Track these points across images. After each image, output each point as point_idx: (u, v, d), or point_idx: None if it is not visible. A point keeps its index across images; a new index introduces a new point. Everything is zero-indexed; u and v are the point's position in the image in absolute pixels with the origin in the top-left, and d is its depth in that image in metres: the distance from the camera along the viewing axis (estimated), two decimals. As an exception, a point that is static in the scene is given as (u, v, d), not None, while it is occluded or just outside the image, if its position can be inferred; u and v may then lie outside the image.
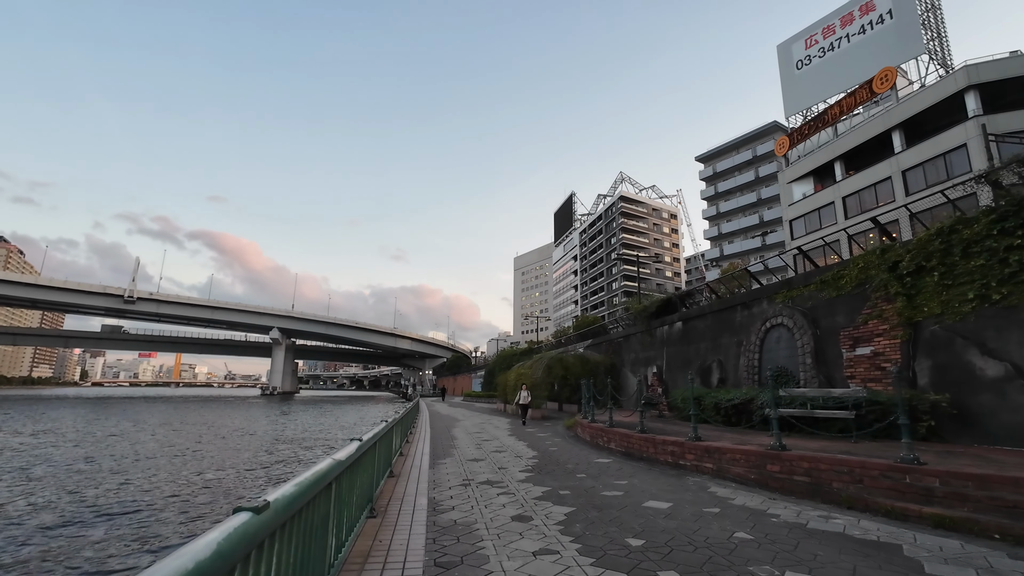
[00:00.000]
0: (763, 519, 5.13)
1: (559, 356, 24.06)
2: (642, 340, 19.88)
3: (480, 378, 65.66)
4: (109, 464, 14.78)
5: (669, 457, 8.40)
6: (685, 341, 16.55)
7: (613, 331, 30.41)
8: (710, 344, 15.10)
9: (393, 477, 7.67)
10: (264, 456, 16.97)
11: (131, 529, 8.42)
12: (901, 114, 35.01)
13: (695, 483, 7.05)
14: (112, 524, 8.66)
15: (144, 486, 11.77)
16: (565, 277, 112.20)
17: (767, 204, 56.69)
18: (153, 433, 24.13)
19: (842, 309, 10.44)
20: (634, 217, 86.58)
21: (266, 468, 14.49)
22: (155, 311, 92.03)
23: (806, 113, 46.63)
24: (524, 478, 7.62)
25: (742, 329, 13.62)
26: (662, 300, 18.71)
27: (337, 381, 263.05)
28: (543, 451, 10.85)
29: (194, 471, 13.77)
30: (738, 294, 14.48)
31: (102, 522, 8.78)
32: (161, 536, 8.07)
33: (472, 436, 14.30)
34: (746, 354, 13.08)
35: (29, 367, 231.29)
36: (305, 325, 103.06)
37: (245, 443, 20.50)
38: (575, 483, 7.16)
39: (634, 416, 14.28)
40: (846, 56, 44.07)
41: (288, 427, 29.23)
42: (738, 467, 7.04)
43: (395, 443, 8.89)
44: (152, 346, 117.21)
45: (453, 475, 7.97)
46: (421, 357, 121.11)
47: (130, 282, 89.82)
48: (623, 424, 11.59)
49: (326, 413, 43.95)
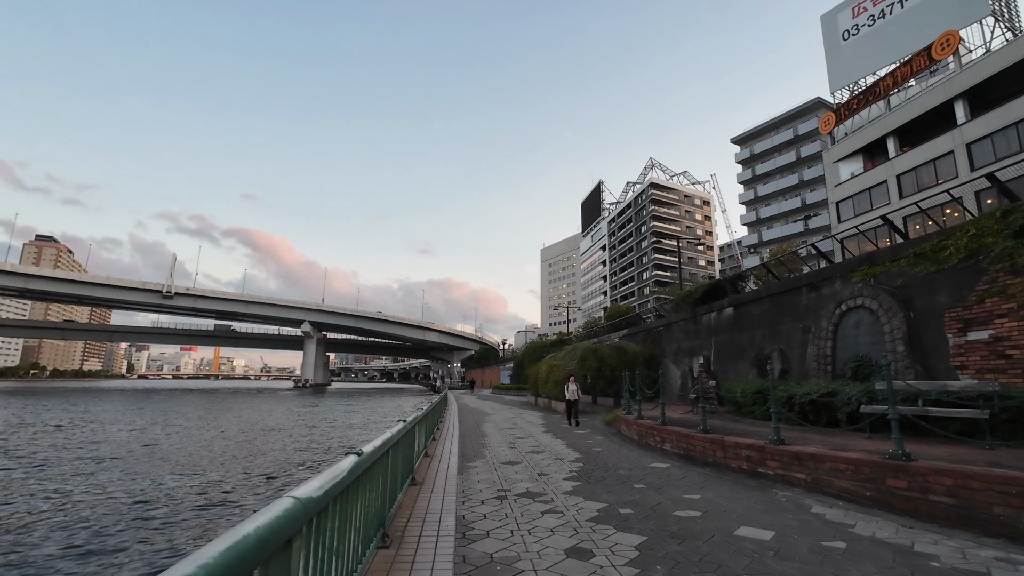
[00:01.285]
0: (917, 562, 3.70)
1: (593, 347, 22.64)
2: (685, 329, 18.27)
3: (508, 370, 64.65)
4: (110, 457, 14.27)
5: (744, 463, 6.98)
6: (737, 328, 14.92)
7: (650, 320, 28.75)
8: (768, 331, 13.45)
9: (416, 486, 6.51)
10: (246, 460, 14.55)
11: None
12: (965, 81, 31.90)
13: (788, 499, 5.63)
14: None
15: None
16: (593, 267, 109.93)
17: (810, 186, 53.49)
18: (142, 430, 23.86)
19: (945, 286, 8.73)
20: (665, 204, 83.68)
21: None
22: (192, 306, 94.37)
23: (853, 88, 43.43)
24: (571, 488, 6.33)
25: (809, 314, 11.95)
26: (709, 284, 17.05)
27: (368, 373, 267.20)
28: (586, 452, 9.54)
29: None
30: (803, 274, 12.75)
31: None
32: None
33: (504, 433, 13.09)
34: (815, 342, 11.43)
35: (80, 360, 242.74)
36: (335, 318, 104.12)
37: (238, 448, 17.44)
38: (635, 496, 5.83)
39: (685, 411, 12.80)
40: (899, 23, 40.71)
41: (305, 422, 28.74)
42: (843, 480, 5.58)
43: (419, 444, 7.73)
44: (191, 340, 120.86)
45: (485, 483, 6.75)
46: (449, 350, 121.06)
47: (168, 278, 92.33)
48: (677, 422, 10.17)
49: (354, 406, 43.65)
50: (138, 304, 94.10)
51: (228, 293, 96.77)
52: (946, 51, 34.20)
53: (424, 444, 9.08)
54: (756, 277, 14.89)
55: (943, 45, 34.76)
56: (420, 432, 8.01)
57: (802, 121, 55.04)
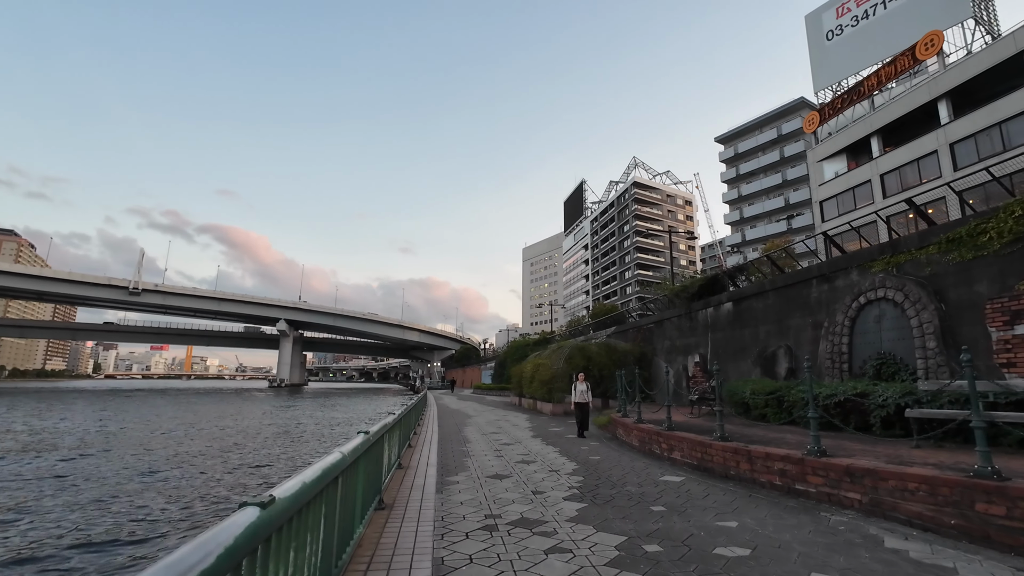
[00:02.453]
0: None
1: (580, 345, 21.56)
2: (679, 325, 17.29)
3: (490, 370, 63.35)
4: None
5: (776, 478, 5.89)
6: (738, 324, 13.96)
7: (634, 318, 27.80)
8: (773, 327, 12.51)
9: (383, 510, 5.25)
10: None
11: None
12: (950, 81, 31.83)
13: (848, 528, 4.53)
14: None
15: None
16: (576, 267, 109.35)
17: (793, 186, 53.54)
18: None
19: (985, 274, 7.83)
20: (648, 204, 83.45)
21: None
22: (161, 303, 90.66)
23: (836, 88, 43.43)
24: (575, 512, 5.14)
25: (821, 308, 11.01)
26: (706, 278, 16.11)
27: (346, 373, 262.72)
28: (583, 462, 8.36)
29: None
30: (813, 265, 11.81)
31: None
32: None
33: (489, 438, 11.85)
34: (829, 338, 10.49)
35: (43, 360, 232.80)
36: (312, 317, 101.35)
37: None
38: (658, 524, 4.67)
39: (686, 414, 11.76)
40: (882, 24, 40.81)
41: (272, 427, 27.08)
42: (914, 503, 4.51)
43: (389, 457, 6.47)
44: (161, 338, 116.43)
45: (470, 505, 5.52)
46: (429, 349, 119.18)
47: (135, 274, 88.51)
48: (684, 426, 9.08)
49: (327, 407, 41.87)
50: (104, 301, 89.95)
51: (200, 290, 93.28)
52: (930, 51, 34.19)
53: (398, 453, 7.81)
54: (758, 270, 13.95)
55: (927, 45, 34.77)
56: (391, 442, 6.74)
57: (786, 120, 55.08)
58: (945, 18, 35.78)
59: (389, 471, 6.59)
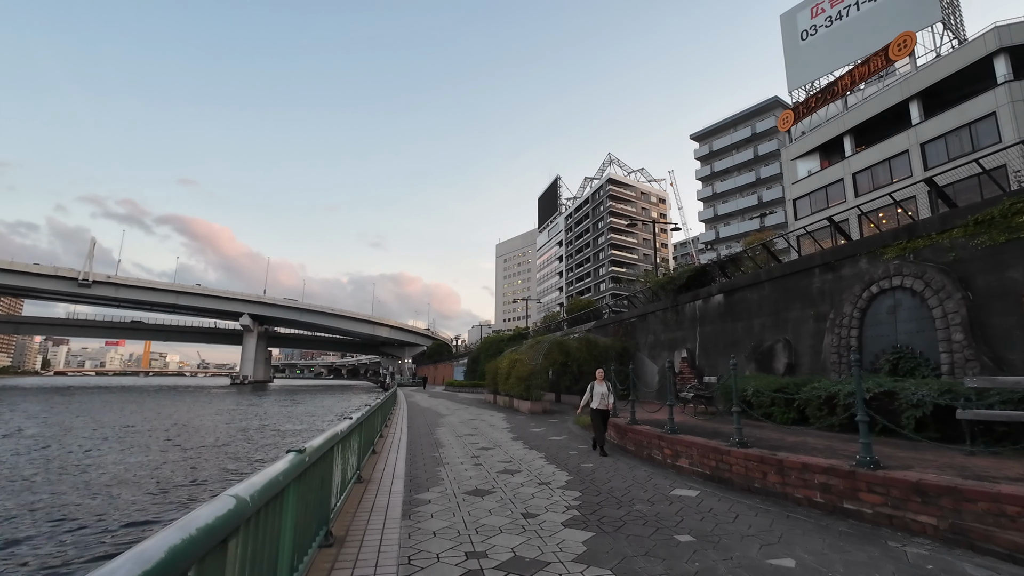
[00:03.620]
0: None
1: (559, 340, 20.53)
2: (665, 319, 16.42)
3: (463, 366, 62.01)
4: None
5: (818, 494, 4.90)
6: (729, 317, 13.13)
7: (610, 312, 26.98)
8: (769, 320, 11.68)
9: (330, 547, 4.00)
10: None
11: None
12: (921, 82, 32.15)
13: (936, 565, 3.54)
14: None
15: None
16: (550, 263, 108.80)
17: (766, 184, 53.93)
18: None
19: (1020, 259, 7.07)
20: (623, 200, 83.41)
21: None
22: (113, 295, 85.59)
23: (809, 88, 43.75)
24: (583, 548, 3.99)
25: (824, 298, 10.20)
26: (694, 269, 15.25)
27: (315, 370, 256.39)
28: (576, 471, 7.24)
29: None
30: (816, 253, 11.00)
31: None
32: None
33: (464, 442, 10.61)
34: (835, 331, 9.68)
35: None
36: (277, 311, 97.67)
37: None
38: (695, 566, 3.56)
39: (687, 415, 10.80)
40: (856, 25, 41.19)
41: (209, 433, 25.16)
42: (1013, 532, 3.56)
43: (344, 473, 5.18)
44: (114, 333, 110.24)
45: (445, 538, 4.30)
46: (400, 345, 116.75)
47: (84, 264, 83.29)
48: (687, 428, 8.07)
49: (287, 405, 39.79)
50: (50, 293, 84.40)
51: (156, 282, 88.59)
52: (903, 52, 34.51)
53: (358, 464, 6.52)
54: (752, 260, 13.12)
55: (900, 46, 35.08)
56: (347, 453, 5.46)
57: (760, 119, 55.43)
58: (916, 21, 36.22)
59: (345, 489, 5.32)
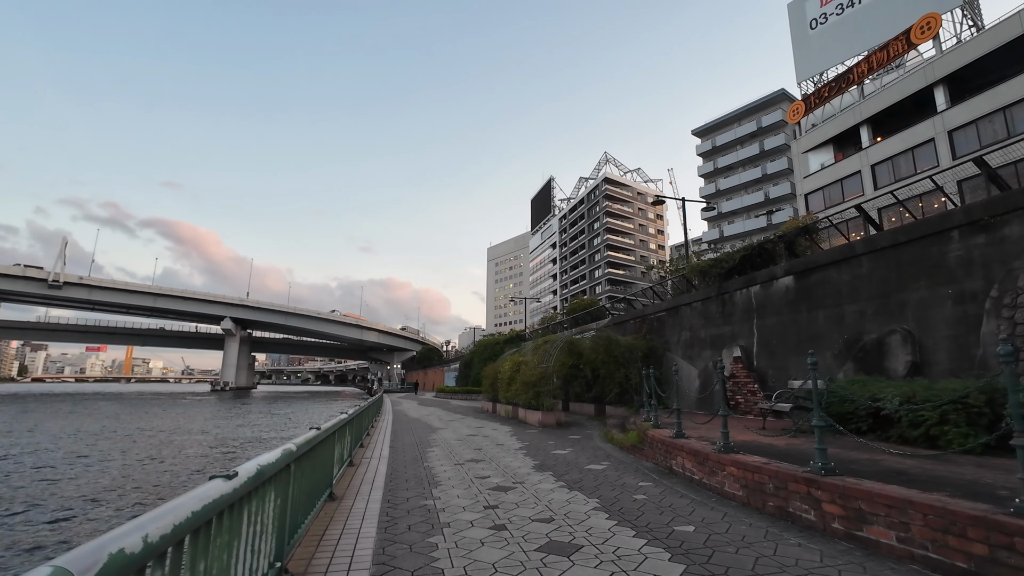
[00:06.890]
0: None
1: (572, 339, 17.71)
2: (705, 311, 13.72)
3: (454, 372, 58.95)
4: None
5: None
6: (804, 305, 10.45)
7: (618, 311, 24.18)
8: (872, 305, 9.00)
9: None
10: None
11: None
12: (947, 66, 29.98)
13: None
14: None
15: None
16: (543, 266, 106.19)
17: (773, 180, 51.79)
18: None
19: None
20: (619, 201, 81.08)
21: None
22: (86, 297, 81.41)
23: (817, 80, 41.60)
24: None
25: (973, 271, 7.57)
26: (749, 248, 12.51)
27: (301, 376, 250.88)
28: (669, 539, 4.45)
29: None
30: (955, 209, 8.19)
31: None
32: None
33: (467, 473, 7.75)
34: (1002, 314, 7.00)
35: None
36: (261, 315, 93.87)
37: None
38: None
39: (763, 432, 7.98)
40: (868, 12, 39.02)
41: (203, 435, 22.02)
42: None
43: (266, 550, 2.36)
44: (92, 338, 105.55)
45: None
46: (389, 350, 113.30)
47: (55, 264, 79.10)
48: (787, 455, 5.28)
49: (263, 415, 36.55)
50: (18, 295, 79.97)
51: (132, 284, 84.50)
52: (927, 35, 32.33)
53: (300, 528, 3.67)
54: (869, 221, 10.18)
55: (923, 28, 32.84)
56: (259, 518, 2.63)
57: (766, 113, 53.35)
58: (938, 4, 34.07)
59: (290, 547, 2.49)
